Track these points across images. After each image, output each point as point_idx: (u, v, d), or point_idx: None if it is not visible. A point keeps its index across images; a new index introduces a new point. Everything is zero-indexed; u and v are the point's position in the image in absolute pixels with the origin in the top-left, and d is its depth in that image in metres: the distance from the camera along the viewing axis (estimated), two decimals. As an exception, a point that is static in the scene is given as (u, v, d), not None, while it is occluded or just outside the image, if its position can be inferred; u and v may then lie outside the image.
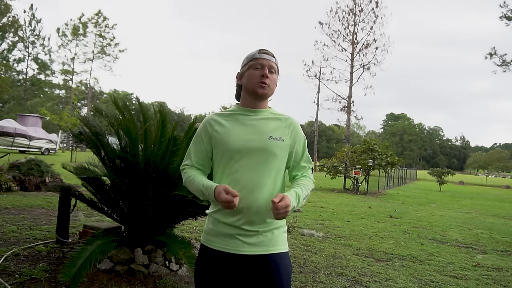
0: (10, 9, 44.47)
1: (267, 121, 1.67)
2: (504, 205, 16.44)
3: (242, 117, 1.67)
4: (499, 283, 4.38)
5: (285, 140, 1.66)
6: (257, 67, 1.65)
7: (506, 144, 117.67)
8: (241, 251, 1.58)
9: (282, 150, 1.65)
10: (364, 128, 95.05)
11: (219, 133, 1.64)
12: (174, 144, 3.46)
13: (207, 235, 1.67)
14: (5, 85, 40.03)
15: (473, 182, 42.24)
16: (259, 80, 1.63)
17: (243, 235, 1.58)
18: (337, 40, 25.13)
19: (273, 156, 1.61)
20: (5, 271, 3.43)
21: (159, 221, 3.85)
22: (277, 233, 1.63)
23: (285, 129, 1.68)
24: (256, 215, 1.58)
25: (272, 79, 1.67)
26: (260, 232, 1.59)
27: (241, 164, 1.59)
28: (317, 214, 9.01)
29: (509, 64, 16.29)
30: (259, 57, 1.66)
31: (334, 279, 4.07)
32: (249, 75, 1.66)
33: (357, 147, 19.93)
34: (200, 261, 1.67)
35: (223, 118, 1.69)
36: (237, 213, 1.57)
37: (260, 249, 1.58)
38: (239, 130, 1.64)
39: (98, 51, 51.45)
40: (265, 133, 1.63)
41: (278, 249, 1.62)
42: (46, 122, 33.94)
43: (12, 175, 8.75)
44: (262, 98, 1.67)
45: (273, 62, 1.68)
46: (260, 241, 1.59)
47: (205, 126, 1.70)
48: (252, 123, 1.66)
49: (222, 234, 1.61)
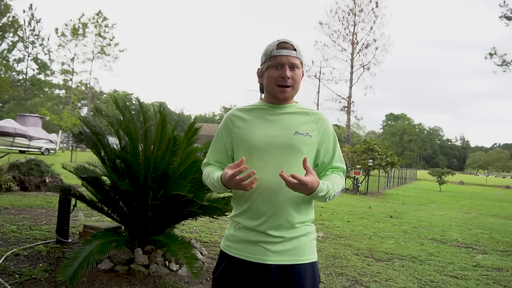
0: (10, 9, 44.43)
1: (293, 116, 1.53)
2: (504, 205, 16.43)
3: (266, 112, 1.54)
4: (499, 283, 4.38)
5: (312, 136, 1.50)
6: (277, 66, 1.48)
7: (506, 144, 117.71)
8: (265, 260, 1.43)
9: (309, 146, 1.50)
10: (364, 128, 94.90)
11: (240, 128, 1.52)
12: (174, 144, 3.46)
13: (227, 241, 1.55)
14: (5, 85, 39.98)
15: (473, 182, 42.22)
16: (279, 83, 1.48)
17: (267, 242, 1.44)
18: (337, 40, 25.21)
19: (299, 152, 1.46)
20: (5, 271, 3.43)
21: (159, 221, 3.86)
22: (304, 241, 1.49)
23: (312, 124, 1.53)
24: (281, 219, 1.44)
25: (295, 78, 1.50)
26: (286, 239, 1.45)
27: (265, 162, 1.46)
28: (317, 214, 9.01)
29: (509, 64, 16.30)
30: (277, 55, 1.47)
31: (334, 279, 4.07)
32: (268, 75, 1.50)
33: (357, 147, 19.93)
34: (220, 269, 1.53)
35: (245, 113, 1.56)
36: (261, 216, 1.45)
37: (286, 259, 1.44)
38: (262, 125, 1.51)
39: (98, 51, 51.47)
40: (290, 128, 1.49)
41: (305, 259, 1.47)
42: (46, 122, 33.94)
43: (12, 175, 8.74)
44: (284, 101, 1.54)
45: (294, 57, 1.48)
46: (286, 249, 1.44)
47: (226, 122, 1.58)
48: (276, 118, 1.52)
49: (244, 240, 1.48)
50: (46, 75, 53.83)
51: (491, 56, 16.70)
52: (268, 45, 1.54)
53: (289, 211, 1.45)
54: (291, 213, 1.45)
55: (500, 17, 16.10)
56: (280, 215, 1.44)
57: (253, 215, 1.47)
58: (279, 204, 1.44)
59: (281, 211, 1.44)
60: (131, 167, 3.55)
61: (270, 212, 1.44)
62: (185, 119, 67.92)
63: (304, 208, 1.50)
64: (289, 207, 1.45)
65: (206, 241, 5.26)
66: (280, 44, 1.49)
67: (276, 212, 1.44)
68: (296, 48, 1.51)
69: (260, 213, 1.45)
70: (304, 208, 1.51)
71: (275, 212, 1.44)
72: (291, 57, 1.48)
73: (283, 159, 1.46)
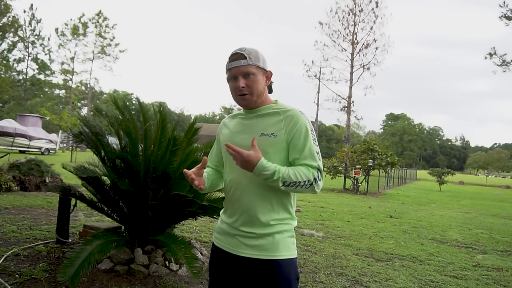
0: (10, 9, 44.43)
1: (263, 118, 1.59)
2: (504, 205, 16.43)
3: (243, 117, 1.67)
4: (499, 283, 4.38)
5: (278, 136, 1.53)
6: (232, 78, 1.58)
7: (506, 144, 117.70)
8: (239, 252, 1.55)
9: (276, 146, 1.52)
10: (364, 128, 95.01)
11: (224, 134, 1.70)
12: (174, 144, 3.46)
13: (215, 233, 1.71)
14: (5, 85, 40.01)
15: (473, 182, 42.22)
16: (238, 93, 1.58)
17: (242, 236, 1.56)
18: (337, 40, 25.10)
19: (265, 154, 1.49)
20: (5, 271, 3.43)
21: (159, 221, 3.86)
22: (278, 238, 1.53)
23: (280, 123, 1.54)
24: (251, 216, 1.54)
25: (251, 84, 1.55)
26: (258, 235, 1.53)
27: (235, 165, 1.52)
28: (317, 214, 9.01)
29: (509, 64, 16.29)
30: (230, 67, 1.57)
31: (334, 279, 4.08)
32: (230, 88, 1.61)
33: (357, 147, 19.93)
34: (211, 258, 1.72)
35: (230, 120, 1.73)
36: (234, 213, 1.59)
37: (259, 253, 1.52)
38: (238, 130, 1.65)
39: (98, 51, 51.47)
40: (256, 131, 1.56)
41: (278, 255, 1.52)
42: (46, 122, 33.92)
43: (12, 175, 8.75)
44: (247, 107, 1.63)
45: (244, 66, 1.54)
46: (259, 244, 1.52)
47: (219, 128, 1.77)
48: (250, 122, 1.62)
49: (226, 232, 1.63)
50: (46, 75, 53.91)
51: (491, 56, 16.68)
52: (227, 60, 1.63)
53: (257, 209, 1.53)
54: (261, 211, 1.53)
55: (500, 17, 16.08)
56: (249, 213, 1.54)
57: (230, 213, 1.62)
58: (247, 203, 1.54)
59: (250, 209, 1.54)
60: (131, 167, 3.55)
61: (240, 210, 1.56)
62: (185, 119, 67.95)
63: (276, 206, 1.56)
64: (258, 205, 1.53)
65: (206, 241, 5.26)
66: (231, 56, 1.58)
67: (245, 210, 1.55)
68: (248, 55, 1.55)
69: (234, 211, 1.59)
70: (276, 206, 1.56)
71: (244, 210, 1.55)
72: (242, 67, 1.54)
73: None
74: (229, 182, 1.62)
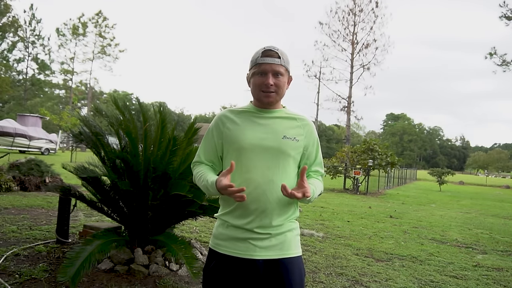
0: (10, 9, 44.45)
1: (281, 120, 1.61)
2: (504, 205, 16.43)
3: (255, 116, 1.61)
4: (499, 283, 4.38)
5: (299, 141, 1.59)
6: (261, 73, 1.55)
7: (506, 144, 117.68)
8: (253, 256, 1.50)
9: (296, 150, 1.59)
10: (364, 128, 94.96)
11: (230, 130, 1.59)
12: (174, 144, 3.46)
13: (216, 239, 1.60)
14: (5, 85, 40.00)
15: (473, 182, 42.21)
16: (263, 89, 1.55)
17: (255, 239, 1.51)
18: (337, 40, 25.12)
19: (287, 156, 1.55)
20: (5, 271, 3.43)
21: (159, 221, 3.85)
22: (290, 236, 1.56)
23: (299, 129, 1.61)
24: (268, 217, 1.51)
25: (279, 84, 1.56)
26: (273, 235, 1.53)
27: (254, 164, 1.53)
28: (317, 214, 9.01)
29: (509, 64, 16.29)
30: (261, 62, 1.54)
31: (334, 279, 4.07)
32: (253, 82, 1.58)
33: (357, 147, 19.93)
34: (209, 267, 1.59)
35: (236, 115, 1.63)
36: (249, 214, 1.52)
37: (273, 253, 1.52)
38: (252, 128, 1.58)
39: (98, 51, 51.48)
40: (279, 132, 1.57)
41: (291, 253, 1.55)
42: (46, 122, 33.93)
43: (12, 175, 8.75)
44: (268, 106, 1.61)
45: (277, 65, 1.54)
46: (272, 244, 1.52)
47: (216, 123, 1.64)
48: (266, 122, 1.59)
49: (233, 238, 1.54)
50: (46, 75, 53.90)
51: (491, 56, 16.69)
52: (255, 52, 1.60)
53: (275, 210, 1.52)
54: (278, 212, 1.53)
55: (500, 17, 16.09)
56: (267, 214, 1.52)
57: (241, 214, 1.53)
58: (267, 204, 1.51)
59: (268, 210, 1.51)
60: (131, 167, 3.55)
61: (258, 211, 1.51)
62: (185, 119, 67.92)
63: (289, 207, 1.59)
64: (276, 206, 1.52)
65: (206, 241, 5.26)
66: (265, 52, 1.56)
67: (264, 211, 1.51)
68: (281, 55, 1.56)
69: (248, 212, 1.52)
70: (290, 207, 1.59)
71: (263, 211, 1.51)
72: (275, 65, 1.54)
73: (271, 161, 1.53)
74: (243, 181, 1.51)
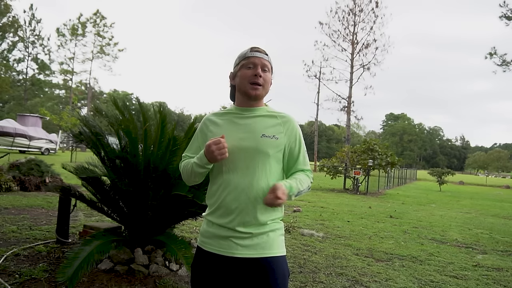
0: (10, 9, 44.39)
1: (261, 119, 1.62)
2: (504, 205, 16.43)
3: (237, 116, 1.63)
4: (499, 283, 4.38)
5: (279, 138, 1.59)
6: (249, 66, 1.59)
7: (506, 144, 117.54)
8: (234, 254, 1.53)
9: (276, 148, 1.58)
10: (364, 128, 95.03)
11: (213, 132, 1.62)
12: (174, 144, 3.46)
13: (202, 237, 1.65)
14: (5, 85, 39.98)
15: (473, 182, 42.21)
16: (251, 80, 1.58)
17: (236, 237, 1.53)
18: (337, 40, 25.14)
19: (265, 155, 1.55)
20: (5, 271, 3.43)
21: (159, 221, 3.85)
22: (272, 236, 1.57)
23: (279, 127, 1.61)
24: (249, 216, 1.53)
25: (266, 78, 1.61)
26: (254, 235, 1.54)
27: (234, 164, 1.55)
28: (317, 214, 9.01)
29: (509, 64, 16.30)
30: (251, 56, 1.60)
31: (334, 279, 4.07)
32: (241, 75, 1.60)
33: (357, 147, 19.93)
34: (196, 263, 1.64)
35: (218, 118, 1.67)
36: (230, 213, 1.54)
37: (254, 252, 1.53)
38: (232, 129, 1.60)
39: (97, 51, 51.46)
40: (257, 131, 1.58)
41: (273, 252, 1.56)
42: (46, 122, 33.93)
43: (12, 175, 8.75)
44: (255, 99, 1.62)
45: (265, 60, 1.61)
46: (254, 243, 1.54)
47: (201, 126, 1.70)
48: (246, 121, 1.61)
49: (216, 235, 1.58)
50: (46, 75, 53.87)
51: (491, 56, 16.71)
52: (242, 51, 1.66)
53: (256, 209, 1.53)
54: (259, 211, 1.54)
55: (500, 17, 16.11)
56: (248, 213, 1.53)
57: (223, 213, 1.56)
58: (247, 203, 1.53)
59: (248, 208, 1.53)
60: (131, 167, 3.55)
61: (238, 210, 1.53)
62: (185, 119, 67.84)
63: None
64: (256, 205, 1.53)
65: (206, 241, 5.26)
66: (253, 48, 1.63)
67: (243, 209, 1.53)
68: (267, 54, 1.65)
69: (229, 211, 1.54)
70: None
71: (242, 209, 1.53)
72: (263, 59, 1.61)
73: (250, 161, 1.55)
74: (224, 181, 1.56)
